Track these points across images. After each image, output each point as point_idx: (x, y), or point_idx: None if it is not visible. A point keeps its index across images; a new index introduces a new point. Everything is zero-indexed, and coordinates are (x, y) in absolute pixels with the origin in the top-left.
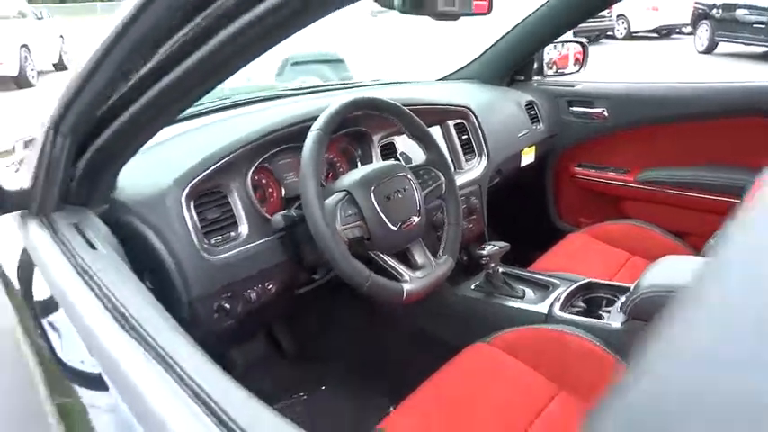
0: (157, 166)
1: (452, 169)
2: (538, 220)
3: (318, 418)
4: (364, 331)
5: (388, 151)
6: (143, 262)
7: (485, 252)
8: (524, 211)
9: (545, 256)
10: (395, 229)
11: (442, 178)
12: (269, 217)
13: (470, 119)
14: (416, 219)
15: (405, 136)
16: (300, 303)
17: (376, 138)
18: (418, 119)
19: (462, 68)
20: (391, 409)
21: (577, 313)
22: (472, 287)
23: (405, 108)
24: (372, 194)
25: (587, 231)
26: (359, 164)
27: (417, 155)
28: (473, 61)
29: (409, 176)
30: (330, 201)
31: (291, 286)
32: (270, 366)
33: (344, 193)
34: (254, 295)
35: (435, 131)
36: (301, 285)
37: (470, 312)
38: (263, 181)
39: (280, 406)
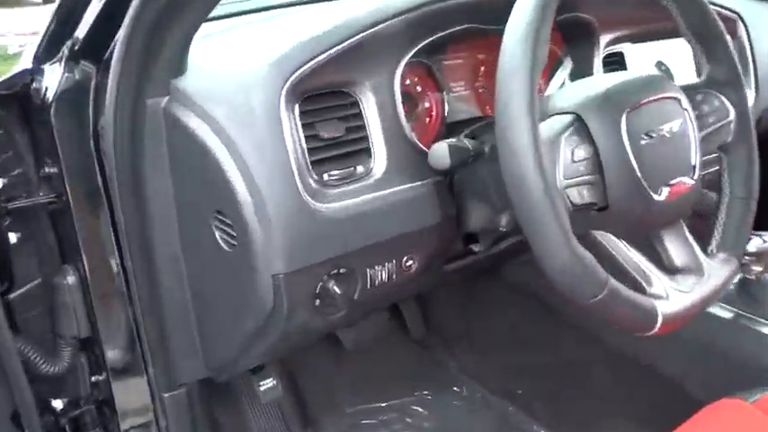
0: (243, 47)
1: (749, 100)
2: None
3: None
4: (530, 333)
5: (614, 66)
6: (201, 201)
7: (749, 247)
8: None
9: None
10: (656, 196)
11: (731, 114)
12: (424, 148)
13: (738, 31)
14: (689, 182)
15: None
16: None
17: (604, 39)
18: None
19: None
20: None
21: None
22: (719, 303)
23: None
24: (624, 126)
25: None
26: (564, 80)
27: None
28: None
29: (684, 103)
30: (546, 130)
31: (439, 261)
32: (391, 347)
33: (572, 118)
34: (382, 275)
35: None
36: (452, 259)
37: (715, 342)
38: (417, 88)
39: (399, 402)
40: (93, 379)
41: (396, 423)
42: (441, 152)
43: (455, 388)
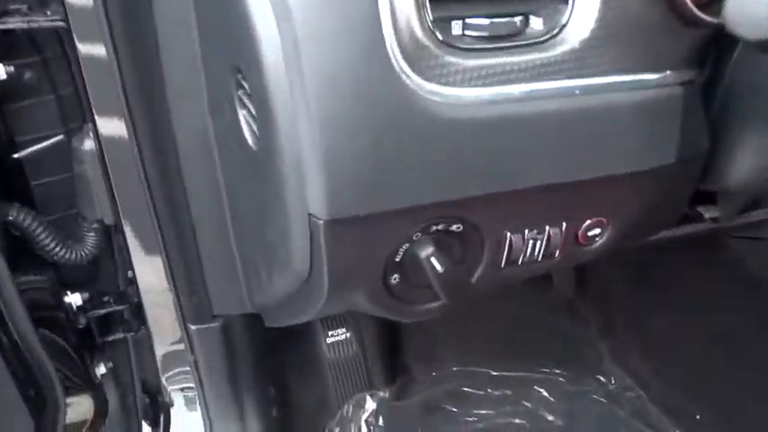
0: None
1: None
2: None
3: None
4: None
5: None
6: (222, 54)
7: None
8: None
9: None
10: None
11: None
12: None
13: None
14: None
15: None
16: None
17: None
18: None
19: None
20: None
21: None
22: None
23: None
24: None
25: None
26: None
27: None
28: None
29: None
30: None
31: (641, 230)
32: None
33: None
34: (534, 247)
35: None
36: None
37: None
38: None
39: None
40: (122, 278)
41: (506, 402)
42: None
43: (599, 377)
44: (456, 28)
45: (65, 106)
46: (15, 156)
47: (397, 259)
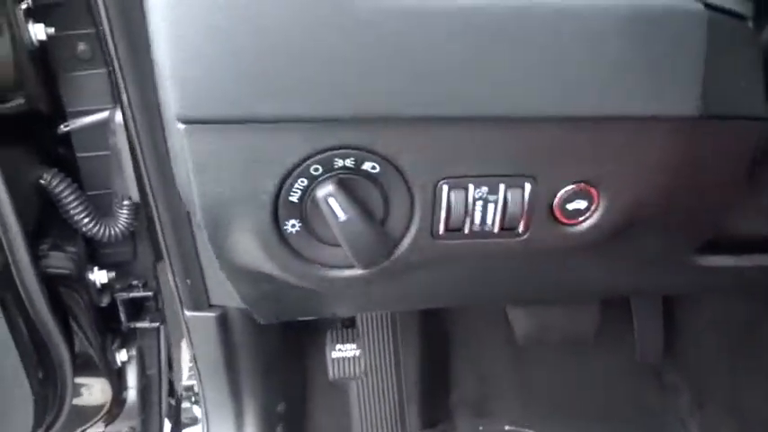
0: None
1: None
2: None
3: None
4: None
5: None
6: None
7: None
8: None
9: None
10: None
11: None
12: None
13: None
14: None
15: None
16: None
17: None
18: None
19: None
20: None
21: None
22: None
23: None
24: None
25: None
26: None
27: None
28: None
29: None
30: None
31: (681, 237)
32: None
33: None
34: (492, 212)
35: None
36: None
37: None
38: None
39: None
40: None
41: None
42: None
43: None
44: None
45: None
46: (64, 126)
47: (293, 199)
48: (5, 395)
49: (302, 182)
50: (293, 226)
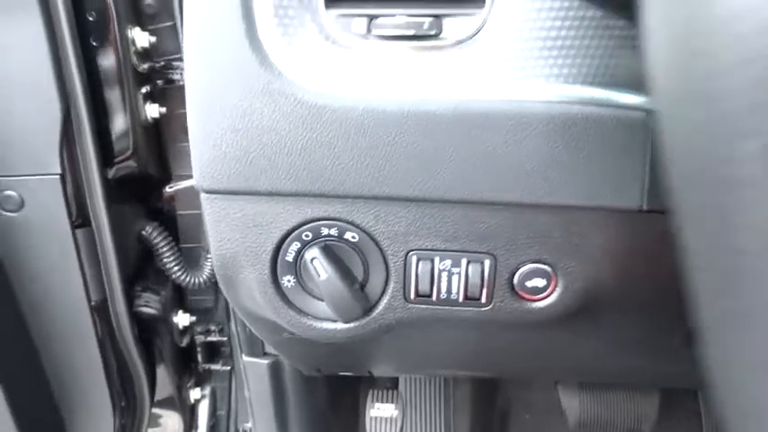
0: None
1: None
2: None
3: None
4: None
5: None
6: None
7: None
8: None
9: None
10: None
11: None
12: None
13: None
14: None
15: None
16: None
17: None
18: None
19: None
20: None
21: None
22: None
23: None
24: None
25: None
26: None
27: None
28: None
29: None
30: None
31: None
32: None
33: None
34: (450, 279)
35: None
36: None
37: None
38: None
39: None
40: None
41: None
42: None
43: None
44: (360, 26)
45: None
46: (169, 187)
47: (288, 258)
48: (89, 420)
49: (296, 245)
50: (289, 281)
